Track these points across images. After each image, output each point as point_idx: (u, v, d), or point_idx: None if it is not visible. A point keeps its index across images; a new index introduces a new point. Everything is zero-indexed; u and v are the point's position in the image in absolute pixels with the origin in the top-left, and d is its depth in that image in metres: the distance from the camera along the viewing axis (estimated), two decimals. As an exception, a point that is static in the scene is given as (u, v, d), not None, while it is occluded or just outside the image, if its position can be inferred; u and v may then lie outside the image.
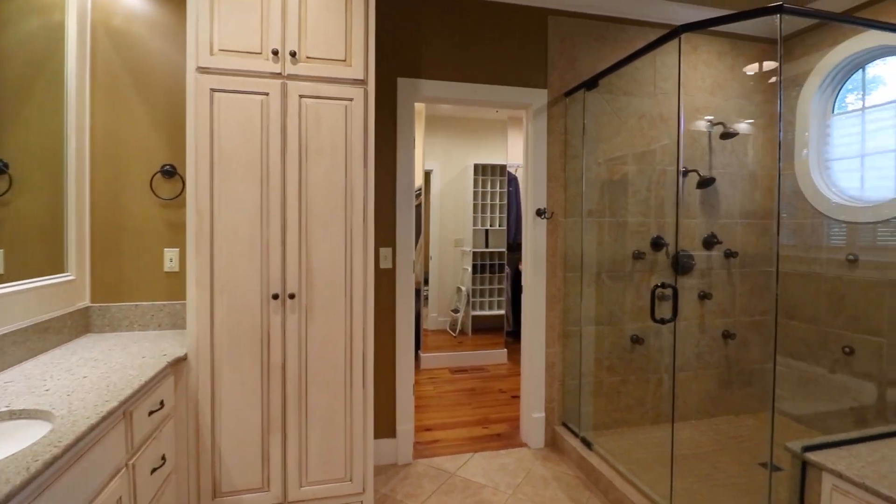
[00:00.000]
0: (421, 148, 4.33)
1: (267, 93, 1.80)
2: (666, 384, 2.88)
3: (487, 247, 4.57)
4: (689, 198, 2.89)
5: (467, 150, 4.50)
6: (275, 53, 1.80)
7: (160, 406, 1.55)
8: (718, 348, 2.98)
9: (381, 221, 2.48)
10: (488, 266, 4.57)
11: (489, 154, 4.52)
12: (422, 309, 4.46)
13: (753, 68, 2.96)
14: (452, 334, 4.60)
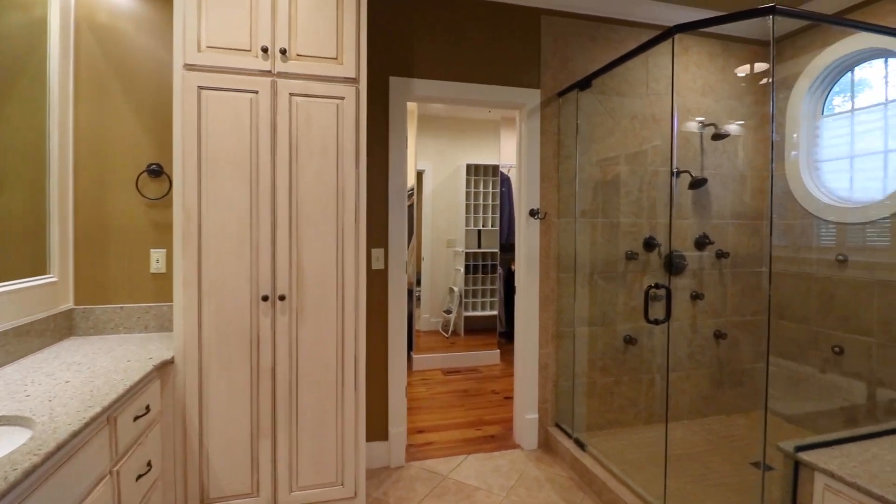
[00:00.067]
0: (413, 148, 4.31)
1: (256, 91, 1.77)
2: (658, 384, 2.89)
3: (480, 247, 4.56)
4: (681, 198, 2.90)
5: (460, 150, 4.49)
6: (264, 51, 1.77)
7: (146, 411, 1.52)
8: (710, 348, 3.00)
9: (373, 222, 2.46)
10: (481, 266, 4.56)
11: (482, 154, 4.51)
12: (414, 310, 4.43)
13: (744, 70, 2.98)
14: (445, 335, 4.58)
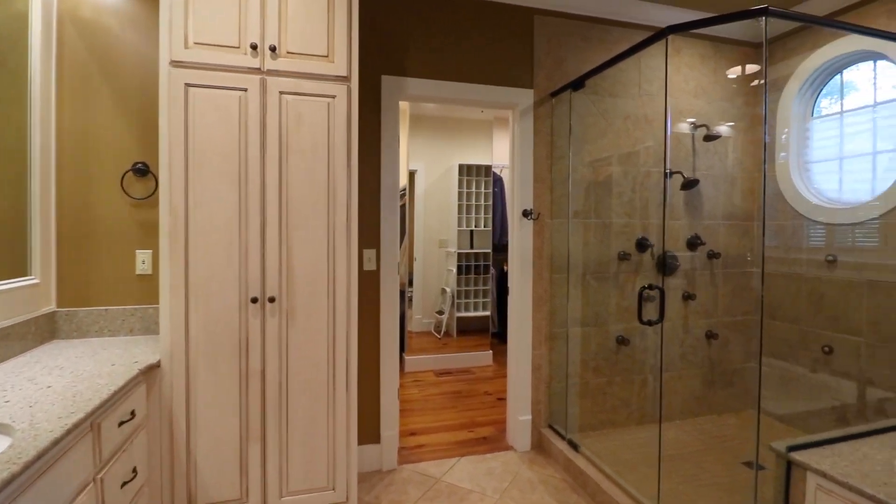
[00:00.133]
0: (405, 147, 4.28)
1: (245, 88, 1.73)
2: (651, 385, 2.89)
3: (472, 247, 4.55)
4: (673, 199, 2.91)
5: (452, 150, 4.47)
6: (253, 48, 1.73)
7: (131, 416, 1.48)
8: (702, 349, 3.01)
9: (365, 222, 2.43)
10: (473, 267, 4.55)
11: (474, 154, 4.50)
12: (406, 311, 4.41)
13: (736, 71, 3.00)
14: (437, 336, 4.56)
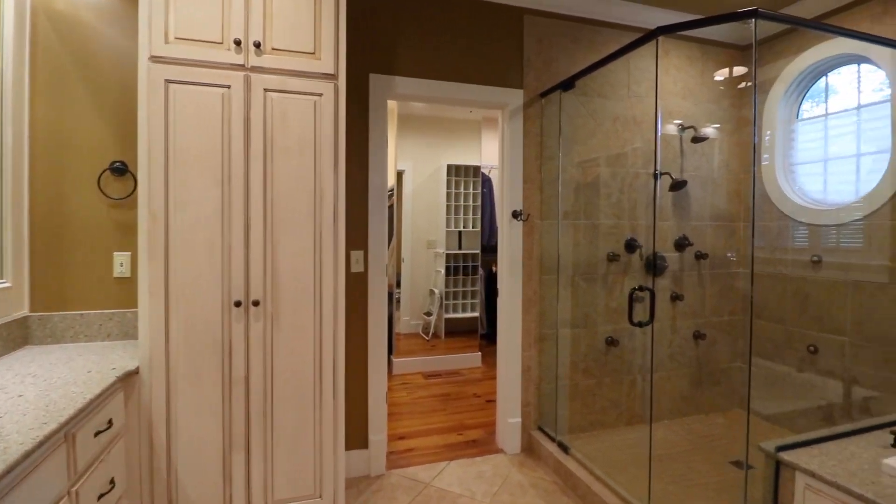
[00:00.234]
0: (393, 147, 4.24)
1: (228, 85, 1.68)
2: (640, 385, 2.90)
3: (461, 248, 4.52)
4: (661, 200, 2.92)
5: (440, 150, 4.44)
6: (237, 44, 1.68)
7: (108, 425, 1.42)
8: (689, 349, 3.03)
9: (353, 223, 2.39)
10: (462, 268, 4.52)
11: (463, 154, 4.47)
12: (394, 312, 4.36)
13: (723, 73, 3.02)
14: (425, 338, 4.52)
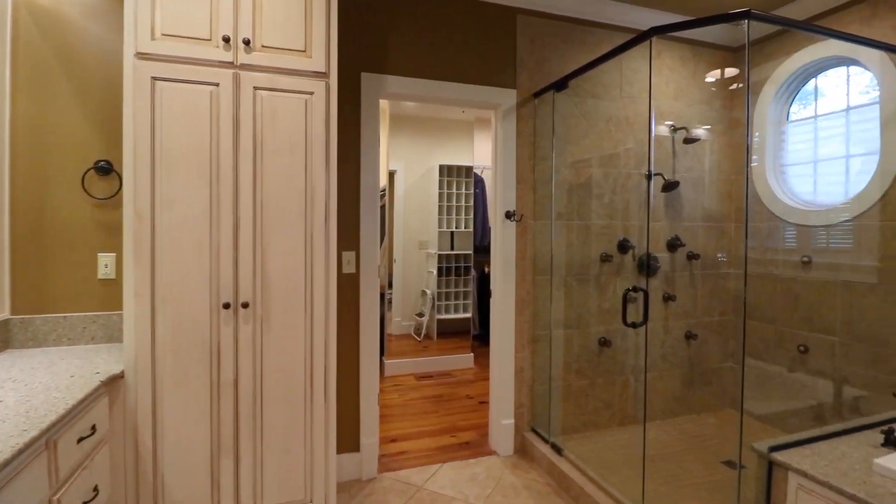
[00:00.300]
0: (385, 147, 4.21)
1: (217, 83, 1.64)
2: (632, 386, 2.90)
3: (453, 249, 4.50)
4: (654, 201, 2.92)
5: (433, 151, 4.42)
6: (226, 41, 1.65)
7: (92, 431, 1.38)
8: (682, 349, 3.04)
9: (344, 223, 2.36)
10: (454, 268, 4.50)
11: (455, 155, 4.46)
12: (386, 313, 4.33)
13: (715, 75, 3.04)
14: (417, 339, 4.50)
